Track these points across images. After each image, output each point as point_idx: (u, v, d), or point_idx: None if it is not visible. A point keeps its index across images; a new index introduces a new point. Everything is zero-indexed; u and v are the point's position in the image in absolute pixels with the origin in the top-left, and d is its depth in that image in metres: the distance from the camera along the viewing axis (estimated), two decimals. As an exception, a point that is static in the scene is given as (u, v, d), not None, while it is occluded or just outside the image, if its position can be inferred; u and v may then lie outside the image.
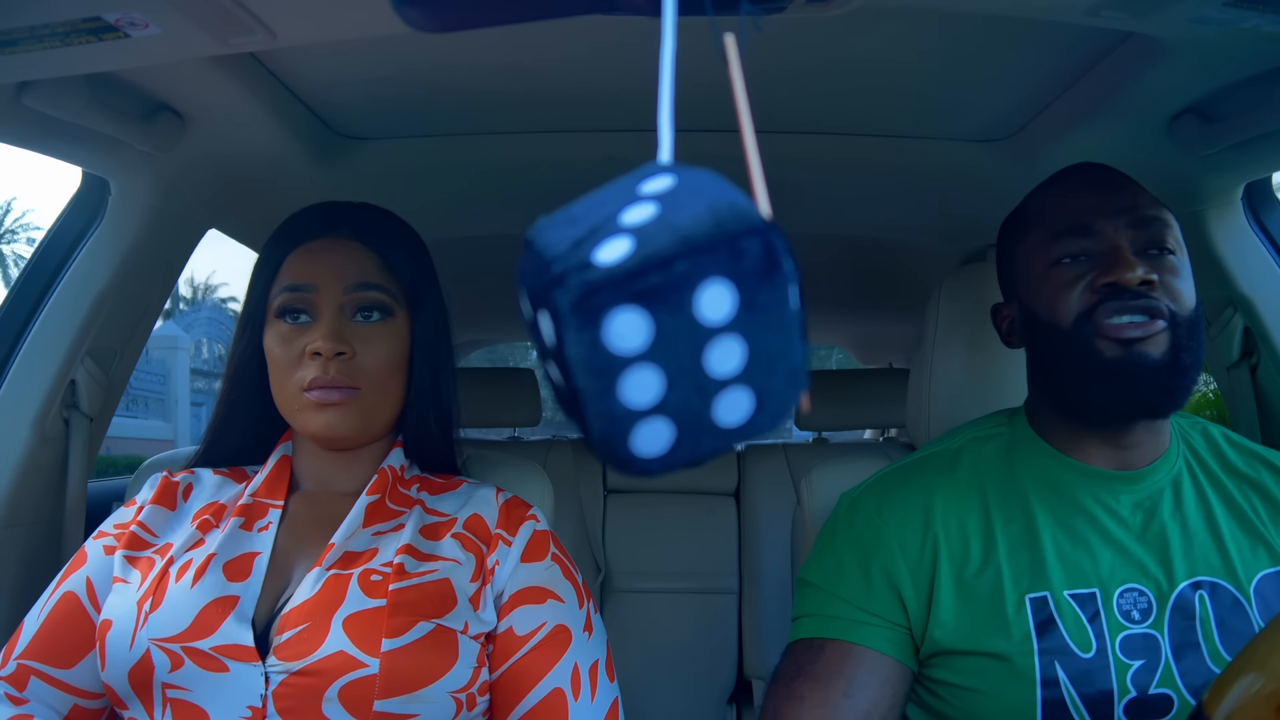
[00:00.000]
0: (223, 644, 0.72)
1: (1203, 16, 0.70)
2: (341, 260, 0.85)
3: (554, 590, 0.83)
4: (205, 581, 0.75)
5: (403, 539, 0.81)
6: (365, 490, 0.85)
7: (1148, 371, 0.77)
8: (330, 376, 0.80)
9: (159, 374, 14.63)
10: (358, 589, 0.76)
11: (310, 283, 0.84)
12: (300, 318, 0.84)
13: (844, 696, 0.78)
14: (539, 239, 0.32)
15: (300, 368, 0.82)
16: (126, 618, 0.75)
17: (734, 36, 0.33)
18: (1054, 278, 0.82)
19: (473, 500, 0.87)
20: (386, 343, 0.85)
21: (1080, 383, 0.81)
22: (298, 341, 0.83)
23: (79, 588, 0.81)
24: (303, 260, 0.86)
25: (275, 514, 0.83)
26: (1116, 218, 0.81)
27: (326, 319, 0.83)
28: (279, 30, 0.70)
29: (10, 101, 0.83)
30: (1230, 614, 0.77)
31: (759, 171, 0.32)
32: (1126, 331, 0.77)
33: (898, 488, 0.88)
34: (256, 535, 0.81)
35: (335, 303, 0.83)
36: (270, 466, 0.88)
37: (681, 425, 0.31)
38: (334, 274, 0.84)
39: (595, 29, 0.87)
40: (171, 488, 0.87)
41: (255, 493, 0.85)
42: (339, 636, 0.72)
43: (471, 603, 0.79)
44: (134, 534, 0.83)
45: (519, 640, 0.80)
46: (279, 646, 0.72)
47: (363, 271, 0.85)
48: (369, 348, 0.83)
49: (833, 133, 1.21)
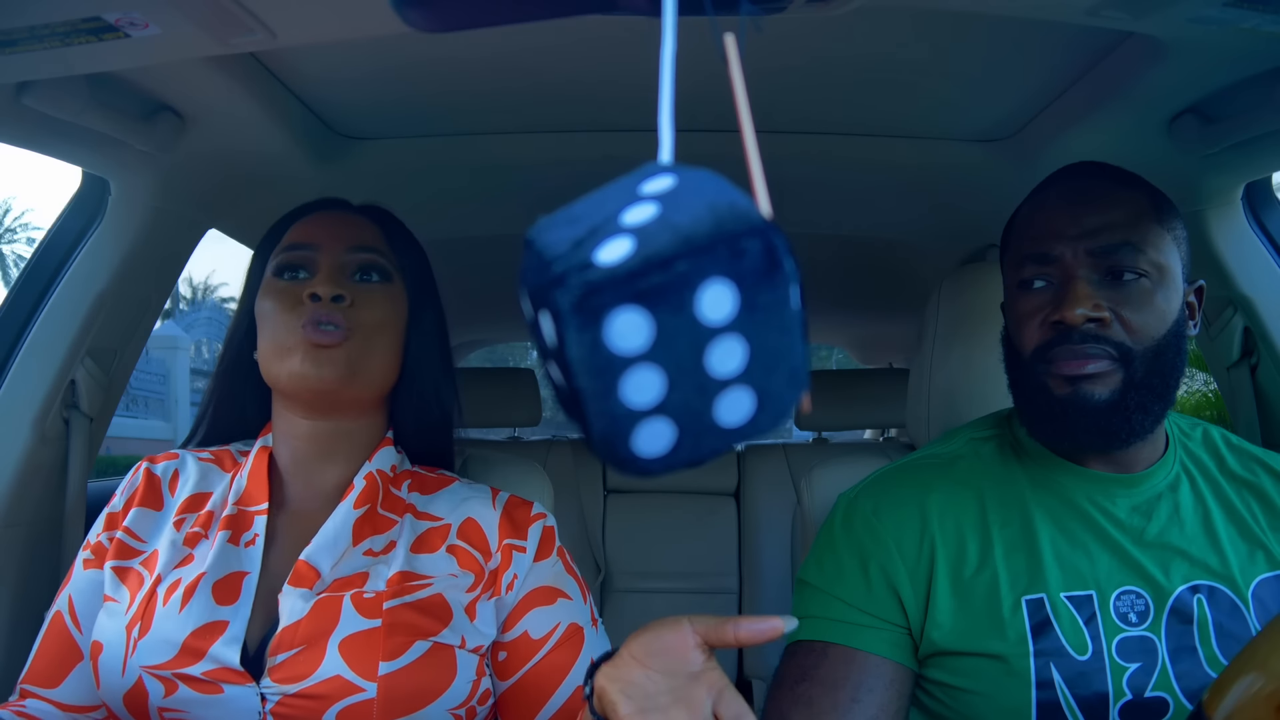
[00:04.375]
0: (214, 669, 0.71)
1: (1203, 16, 0.70)
2: (344, 226, 0.86)
3: (562, 588, 0.83)
4: (194, 605, 0.73)
5: (395, 564, 0.78)
6: (353, 502, 0.81)
7: (1090, 411, 0.77)
8: (325, 313, 0.79)
9: (159, 374, 14.62)
10: (352, 609, 0.74)
11: (311, 242, 0.84)
12: (299, 274, 0.83)
13: (853, 702, 0.78)
14: (539, 239, 0.32)
15: (295, 312, 0.80)
16: (116, 643, 0.73)
17: (734, 36, 0.33)
18: (1020, 304, 0.83)
19: (467, 503, 0.85)
20: (383, 303, 0.84)
21: (1027, 413, 0.84)
22: (295, 292, 0.81)
23: (64, 606, 0.80)
24: (305, 226, 0.86)
25: (261, 523, 0.80)
26: (1078, 242, 0.79)
27: (326, 269, 0.82)
28: (279, 30, 0.70)
29: (10, 101, 0.83)
30: (1228, 618, 0.77)
31: (759, 171, 0.32)
32: (1073, 369, 0.77)
33: (895, 489, 0.88)
34: (244, 551, 0.78)
35: (336, 260, 0.83)
36: (250, 464, 0.84)
37: (682, 425, 0.31)
38: (336, 236, 0.84)
39: (595, 29, 0.87)
40: (156, 483, 0.85)
41: (240, 499, 0.82)
42: (335, 660, 0.71)
43: (467, 613, 0.77)
44: (121, 542, 0.80)
45: (535, 644, 0.79)
46: (274, 668, 0.71)
47: (364, 237, 0.85)
48: (367, 301, 0.82)
49: (833, 132, 1.21)
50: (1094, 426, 0.78)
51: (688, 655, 0.58)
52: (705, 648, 0.58)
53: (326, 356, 0.78)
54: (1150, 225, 0.80)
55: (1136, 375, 0.77)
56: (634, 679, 0.58)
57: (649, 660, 0.59)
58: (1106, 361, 0.77)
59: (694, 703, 0.57)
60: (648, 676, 0.58)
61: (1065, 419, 0.79)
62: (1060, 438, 0.82)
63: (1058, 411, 0.79)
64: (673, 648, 0.58)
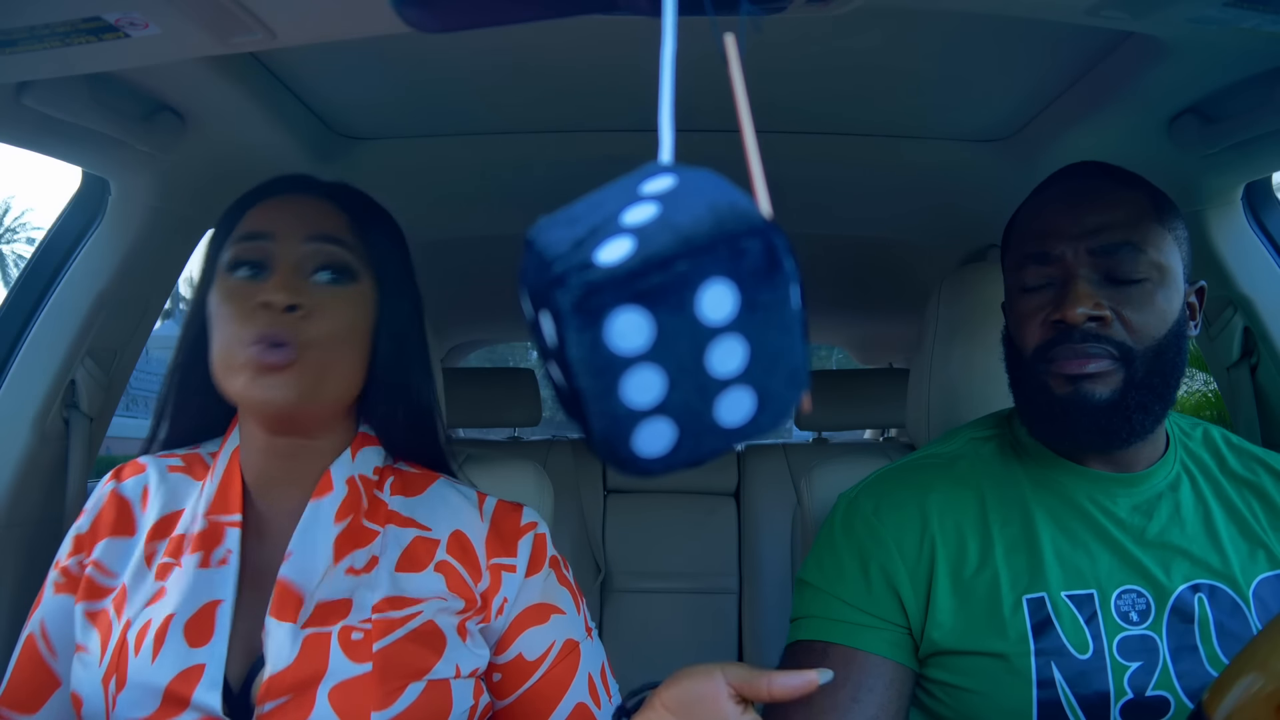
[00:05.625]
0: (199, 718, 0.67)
1: (1203, 16, 0.69)
2: (306, 211, 0.77)
3: (555, 603, 0.80)
4: (166, 652, 0.68)
5: (380, 585, 0.73)
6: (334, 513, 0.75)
7: (1090, 411, 0.78)
8: (274, 330, 0.70)
9: (159, 374, 14.58)
10: (340, 653, 0.69)
11: (268, 230, 0.75)
12: (252, 271, 0.74)
13: (853, 702, 0.78)
14: (540, 239, 0.32)
15: (246, 322, 0.71)
16: (95, 697, 0.69)
17: (734, 36, 0.33)
18: (1021, 304, 0.83)
19: (454, 512, 0.80)
20: (344, 309, 0.75)
21: (1028, 413, 0.84)
22: (247, 296, 0.72)
23: (36, 630, 0.76)
24: (263, 211, 0.77)
25: (235, 536, 0.74)
26: (1079, 242, 0.79)
27: (282, 270, 0.73)
28: (279, 30, 0.70)
29: (10, 101, 0.83)
30: (1229, 617, 0.77)
31: (759, 171, 0.32)
32: (1074, 368, 0.78)
33: (895, 489, 0.88)
34: (216, 573, 0.72)
35: (294, 254, 0.74)
36: (221, 470, 0.78)
37: (683, 425, 0.31)
38: (295, 222, 0.75)
39: (595, 29, 0.87)
40: (125, 507, 0.78)
41: (210, 509, 0.75)
42: (325, 711, 0.67)
43: (459, 634, 0.75)
44: (90, 579, 0.75)
45: (531, 665, 0.78)
46: (262, 717, 0.67)
47: (326, 225, 0.76)
48: (324, 309, 0.73)
49: (833, 132, 1.21)
50: (1094, 426, 0.78)
51: (721, 707, 0.57)
52: (739, 698, 0.57)
53: (276, 380, 0.71)
54: (1151, 225, 0.80)
55: (1137, 375, 0.77)
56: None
57: (682, 711, 0.58)
58: (1107, 361, 0.77)
59: None
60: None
61: (1066, 418, 0.79)
62: (1061, 437, 0.82)
63: (1058, 411, 0.79)
64: (706, 698, 0.57)
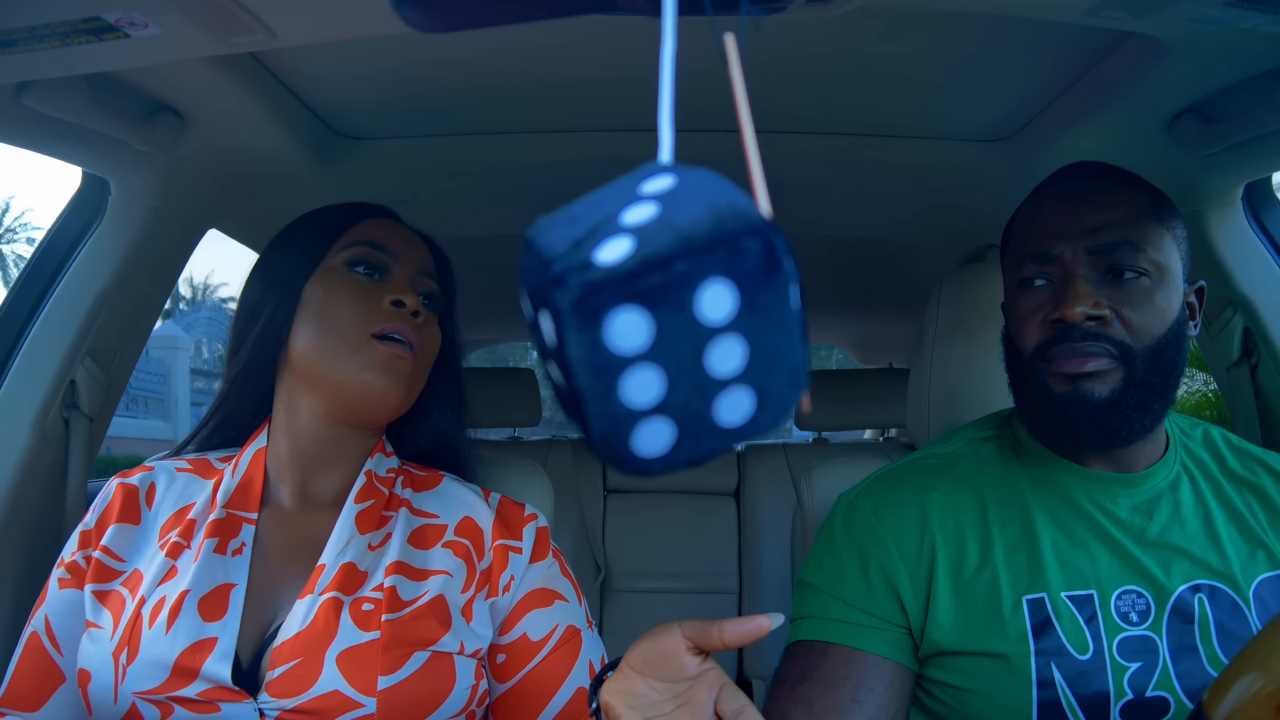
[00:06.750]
0: (208, 688, 0.69)
1: (1203, 16, 0.69)
2: (416, 245, 0.88)
3: (558, 590, 0.83)
4: (180, 625, 0.71)
5: (391, 553, 0.78)
6: (353, 498, 0.81)
7: (1090, 410, 0.77)
8: (405, 327, 0.79)
9: (159, 374, 14.62)
10: (350, 621, 0.72)
11: (391, 248, 0.84)
12: (375, 275, 0.83)
13: (853, 702, 0.78)
14: (539, 239, 0.32)
15: (371, 314, 0.79)
16: (104, 670, 0.71)
17: (734, 36, 0.33)
18: (1020, 302, 0.83)
19: (462, 503, 0.85)
20: (436, 334, 0.86)
21: (1027, 412, 0.84)
22: (369, 293, 0.81)
23: (40, 626, 0.78)
24: (383, 229, 0.86)
25: (250, 531, 0.78)
26: (1078, 241, 0.79)
27: (402, 281, 0.83)
28: (279, 30, 0.70)
29: (10, 101, 0.83)
30: (1229, 617, 0.77)
31: (759, 171, 0.32)
32: (1073, 367, 0.78)
33: (895, 489, 0.88)
34: (231, 561, 0.76)
35: (410, 276, 0.84)
36: (245, 467, 0.82)
37: (682, 425, 0.31)
38: (411, 251, 0.86)
39: (595, 29, 0.87)
40: (132, 496, 0.81)
41: (228, 502, 0.79)
42: (333, 674, 0.70)
43: (464, 615, 0.77)
44: (100, 562, 0.77)
45: (534, 646, 0.79)
46: (271, 683, 0.70)
47: (429, 263, 0.88)
48: (429, 326, 0.84)
49: (833, 132, 1.21)
50: (1094, 425, 0.78)
51: (682, 660, 0.58)
52: (698, 650, 0.58)
53: (397, 373, 0.79)
54: (1150, 224, 0.80)
55: (1137, 374, 0.77)
56: (636, 690, 0.59)
57: (647, 669, 0.59)
58: (1106, 360, 0.77)
59: (696, 705, 0.57)
60: (649, 685, 0.59)
61: (1065, 417, 0.79)
62: (1060, 436, 0.82)
63: (1058, 410, 0.79)
64: (667, 654, 0.58)
